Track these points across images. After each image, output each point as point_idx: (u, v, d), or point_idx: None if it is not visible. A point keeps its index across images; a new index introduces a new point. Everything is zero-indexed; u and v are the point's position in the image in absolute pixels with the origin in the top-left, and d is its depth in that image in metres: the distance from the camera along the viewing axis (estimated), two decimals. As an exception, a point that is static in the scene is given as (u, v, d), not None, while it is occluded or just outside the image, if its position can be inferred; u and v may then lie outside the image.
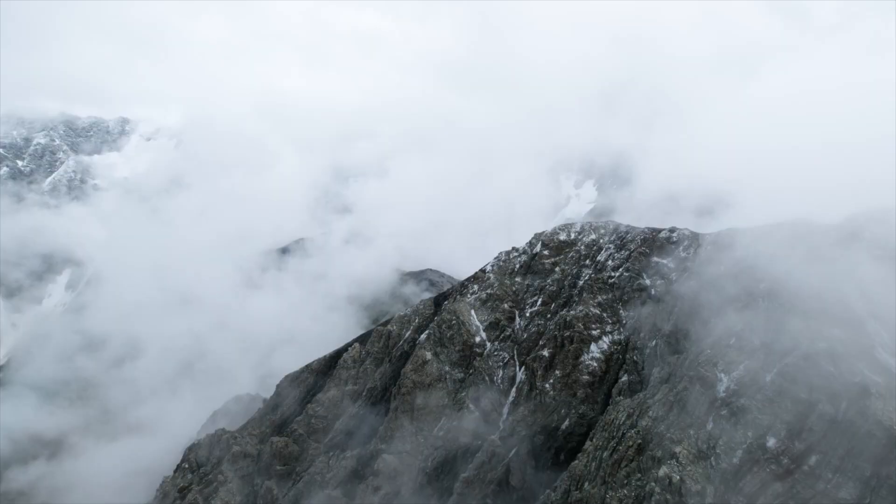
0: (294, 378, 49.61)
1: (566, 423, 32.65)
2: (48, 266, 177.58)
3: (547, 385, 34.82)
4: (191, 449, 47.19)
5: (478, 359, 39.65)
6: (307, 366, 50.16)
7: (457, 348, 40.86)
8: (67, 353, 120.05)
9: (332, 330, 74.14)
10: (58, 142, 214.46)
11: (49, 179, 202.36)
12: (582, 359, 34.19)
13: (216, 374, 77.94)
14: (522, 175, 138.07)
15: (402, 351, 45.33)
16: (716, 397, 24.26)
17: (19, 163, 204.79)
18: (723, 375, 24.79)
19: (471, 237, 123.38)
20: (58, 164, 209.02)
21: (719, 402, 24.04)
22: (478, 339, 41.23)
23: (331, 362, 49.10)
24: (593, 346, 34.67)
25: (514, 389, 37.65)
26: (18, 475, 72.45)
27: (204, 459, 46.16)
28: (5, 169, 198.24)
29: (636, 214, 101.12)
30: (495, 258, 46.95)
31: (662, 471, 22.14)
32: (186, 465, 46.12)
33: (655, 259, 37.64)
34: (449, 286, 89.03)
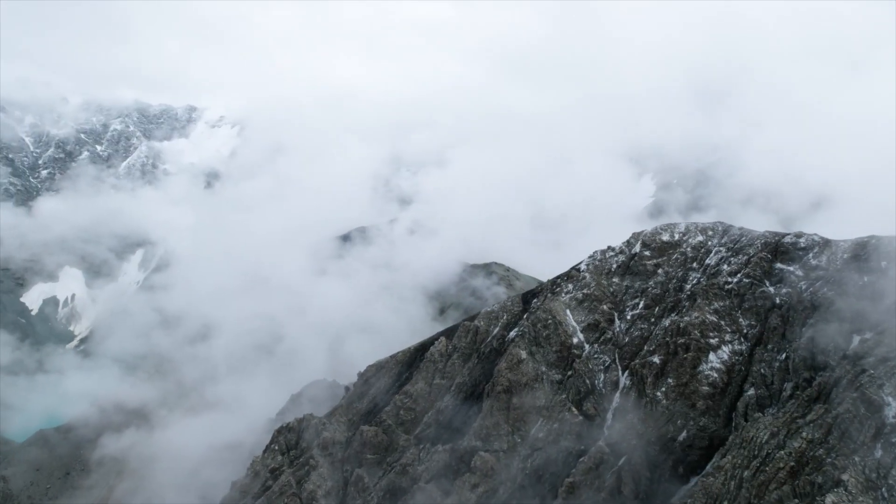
0: (379, 368, 50.15)
1: (683, 434, 31.10)
2: (123, 246, 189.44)
3: (658, 393, 33.29)
4: (280, 431, 48.65)
5: (577, 361, 38.50)
6: (392, 356, 50.56)
7: (553, 349, 39.86)
8: (144, 329, 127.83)
9: (401, 319, 74.85)
10: (132, 128, 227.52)
11: (124, 164, 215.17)
12: (700, 368, 32.41)
13: (287, 356, 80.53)
14: (591, 168, 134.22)
15: (492, 347, 44.80)
16: (884, 423, 22.18)
17: (98, 148, 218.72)
18: (891, 399, 22.60)
19: (533, 230, 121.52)
20: (132, 149, 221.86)
21: (888, 429, 21.96)
22: (575, 340, 40.05)
23: (416, 354, 49.27)
24: (712, 356, 32.79)
25: (617, 395, 36.32)
26: (112, 442, 77.62)
27: (293, 443, 47.55)
28: (86, 153, 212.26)
29: (716, 213, 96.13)
30: (590, 257, 45.38)
31: (829, 499, 20.42)
32: (276, 447, 47.62)
33: (779, 265, 35.09)
34: (516, 280, 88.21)
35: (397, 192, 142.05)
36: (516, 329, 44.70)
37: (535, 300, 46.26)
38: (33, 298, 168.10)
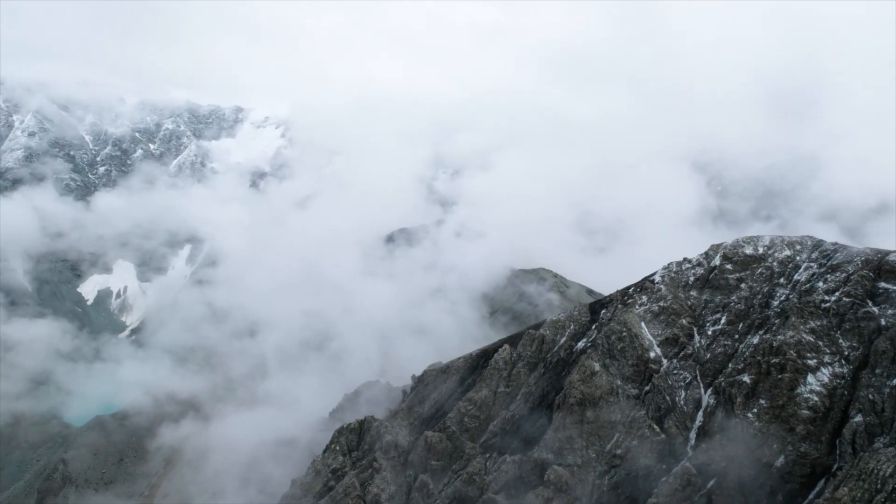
0: (440, 372, 50.00)
1: (781, 459, 29.52)
2: (173, 241, 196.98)
3: (750, 414, 31.76)
4: (340, 432, 49.06)
5: (655, 376, 37.24)
6: (453, 362, 50.34)
7: (629, 362, 38.70)
8: (194, 322, 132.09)
9: (451, 322, 74.70)
10: (182, 127, 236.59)
11: (175, 162, 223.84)
12: (798, 390, 30.75)
13: (336, 354, 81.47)
14: (647, 173, 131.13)
15: (559, 357, 43.95)
16: None
17: (151, 146, 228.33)
18: None
19: (580, 236, 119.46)
20: (182, 148, 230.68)
21: None
22: (652, 354, 38.78)
23: (478, 361, 48.88)
24: (810, 378, 31.07)
25: (700, 413, 34.91)
26: (169, 432, 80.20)
27: (354, 444, 47.87)
28: (140, 151, 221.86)
29: (778, 224, 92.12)
30: (664, 268, 43.95)
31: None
32: (338, 448, 48.02)
33: (884, 285, 33.00)
34: (565, 287, 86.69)
35: (440, 194, 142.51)
36: (584, 339, 43.77)
37: (603, 311, 45.17)
38: (89, 289, 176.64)
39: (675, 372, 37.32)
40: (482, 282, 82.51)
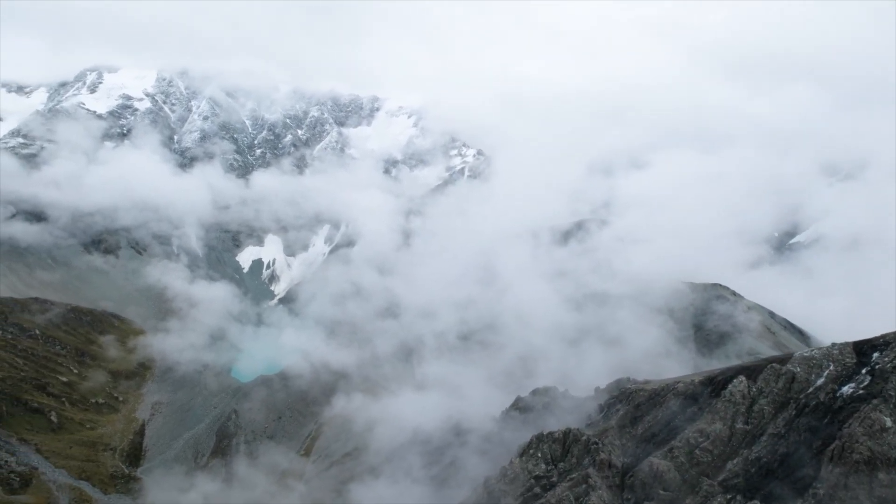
0: (654, 394, 47.02)
1: None
2: (314, 221, 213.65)
3: None
4: (540, 439, 48.31)
5: (981, 446, 30.87)
6: (668, 385, 47.08)
7: (937, 423, 32.59)
8: (339, 297, 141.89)
9: (626, 333, 70.80)
10: (326, 115, 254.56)
11: (318, 147, 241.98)
12: None
13: (500, 351, 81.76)
14: (820, 182, 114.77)
15: (818, 401, 38.71)
16: None
17: (299, 132, 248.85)
18: None
19: (745, 248, 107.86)
20: (325, 134, 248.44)
21: None
22: (970, 418, 32.26)
23: (701, 388, 45.12)
24: None
25: None
26: (344, 403, 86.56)
27: (558, 454, 46.89)
28: (290, 136, 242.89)
29: None
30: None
31: None
32: (539, 455, 47.40)
33: None
34: (748, 309, 78.04)
35: (590, 195, 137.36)
36: (853, 384, 38.02)
37: (876, 354, 38.83)
38: (245, 258, 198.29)
39: None
40: (654, 292, 77.03)
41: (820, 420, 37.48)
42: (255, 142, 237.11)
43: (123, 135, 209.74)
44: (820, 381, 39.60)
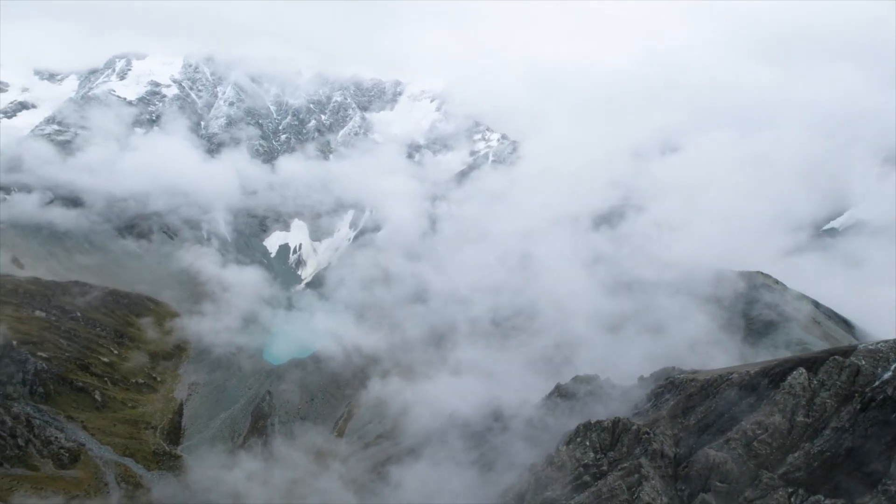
0: (706, 384, 46.01)
1: None
2: (338, 206, 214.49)
3: None
4: (588, 427, 47.88)
5: None
6: (722, 375, 45.98)
7: None
8: (367, 282, 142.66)
9: (668, 321, 69.30)
10: (349, 100, 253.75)
11: (342, 132, 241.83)
12: None
13: (534, 338, 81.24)
14: (864, 169, 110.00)
15: (885, 395, 37.26)
16: None
17: (322, 117, 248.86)
18: None
19: (784, 235, 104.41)
20: (348, 119, 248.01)
21: None
22: None
23: (757, 379, 43.92)
24: None
25: None
26: (380, 387, 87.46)
27: (607, 443, 46.43)
28: (313, 122, 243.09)
29: None
30: None
31: None
32: (588, 443, 47.02)
33: None
34: (796, 300, 75.67)
35: (625, 180, 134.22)
36: (925, 379, 36.41)
37: (951, 347, 37.09)
38: (272, 243, 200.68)
39: None
40: (697, 279, 75.10)
41: (888, 414, 36.10)
42: (280, 127, 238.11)
43: (153, 121, 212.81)
44: (887, 375, 38.07)
